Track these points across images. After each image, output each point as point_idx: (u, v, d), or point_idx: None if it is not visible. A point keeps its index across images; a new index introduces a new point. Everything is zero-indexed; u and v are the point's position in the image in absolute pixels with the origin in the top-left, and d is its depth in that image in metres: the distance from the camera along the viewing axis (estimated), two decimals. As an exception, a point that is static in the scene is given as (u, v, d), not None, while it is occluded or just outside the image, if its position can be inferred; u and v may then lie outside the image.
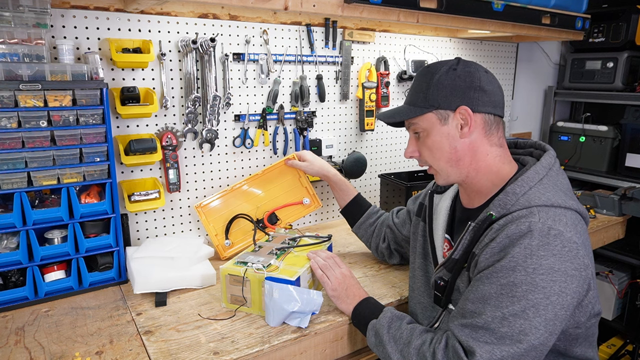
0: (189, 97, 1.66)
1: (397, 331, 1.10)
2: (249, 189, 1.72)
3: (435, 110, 1.09)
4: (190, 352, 1.11)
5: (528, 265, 0.92)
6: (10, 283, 1.35)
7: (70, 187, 1.36)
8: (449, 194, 1.27)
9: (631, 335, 2.54)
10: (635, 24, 2.58)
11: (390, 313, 1.16)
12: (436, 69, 1.10)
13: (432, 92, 1.09)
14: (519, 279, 0.92)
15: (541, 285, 0.91)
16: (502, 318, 0.92)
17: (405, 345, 1.06)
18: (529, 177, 1.04)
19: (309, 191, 1.76)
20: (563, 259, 0.92)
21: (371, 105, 2.12)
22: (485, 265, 0.99)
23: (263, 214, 1.70)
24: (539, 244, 0.93)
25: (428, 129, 1.11)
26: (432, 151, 1.13)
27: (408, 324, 1.12)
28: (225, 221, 1.68)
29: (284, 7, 1.37)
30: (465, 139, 1.09)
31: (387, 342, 1.10)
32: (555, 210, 0.98)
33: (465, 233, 1.08)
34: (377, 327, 1.14)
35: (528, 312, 0.91)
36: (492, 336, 0.92)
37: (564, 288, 0.92)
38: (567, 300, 0.92)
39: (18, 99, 1.25)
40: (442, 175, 1.15)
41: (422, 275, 1.29)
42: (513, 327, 0.91)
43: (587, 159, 2.83)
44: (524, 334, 0.90)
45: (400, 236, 1.53)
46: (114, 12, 1.52)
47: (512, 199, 1.02)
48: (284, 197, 1.75)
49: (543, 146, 1.16)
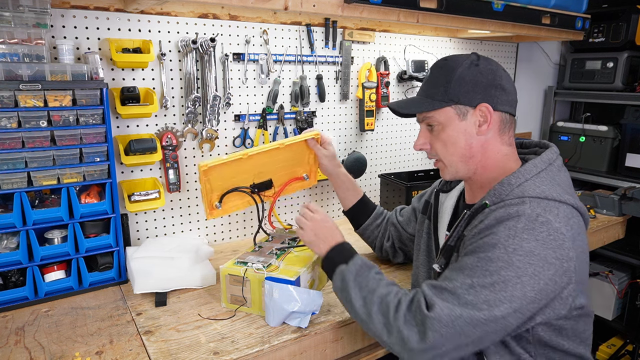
0: (189, 97, 1.66)
1: (364, 279, 1.11)
2: (261, 159, 1.49)
3: (454, 105, 1.09)
4: (190, 352, 1.11)
5: (509, 244, 0.94)
6: (10, 283, 1.35)
7: (70, 187, 1.36)
8: (454, 193, 1.28)
9: (631, 335, 2.54)
10: (635, 24, 2.58)
11: (360, 261, 1.17)
12: (457, 63, 1.09)
13: (454, 87, 1.08)
14: (497, 255, 0.94)
15: (516, 265, 0.93)
16: (470, 286, 0.94)
17: (370, 292, 1.07)
18: (526, 169, 1.06)
19: (312, 168, 1.64)
20: (545, 246, 0.94)
21: (371, 105, 2.12)
22: (470, 243, 1.02)
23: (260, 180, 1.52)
24: (524, 227, 0.95)
25: (444, 123, 1.10)
26: (445, 146, 1.12)
27: (376, 274, 1.13)
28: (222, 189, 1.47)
29: (284, 7, 1.37)
30: (482, 137, 1.10)
31: (352, 288, 1.11)
32: (548, 202, 0.99)
33: (461, 221, 1.11)
34: (345, 272, 1.15)
35: (496, 286, 0.93)
36: (456, 300, 0.94)
37: (539, 272, 0.93)
38: (539, 285, 0.93)
39: (18, 99, 1.25)
40: (451, 170, 1.15)
41: (425, 272, 1.30)
42: (478, 296, 0.93)
43: (587, 159, 2.83)
44: (487, 304, 0.92)
45: (405, 234, 1.53)
46: (114, 12, 1.52)
47: (506, 189, 1.04)
48: (288, 169, 1.59)
49: (547, 144, 1.17)
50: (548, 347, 1.03)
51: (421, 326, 0.94)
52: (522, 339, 1.02)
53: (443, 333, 0.92)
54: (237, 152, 1.42)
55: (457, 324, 0.92)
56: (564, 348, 1.04)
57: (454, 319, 0.92)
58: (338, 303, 1.34)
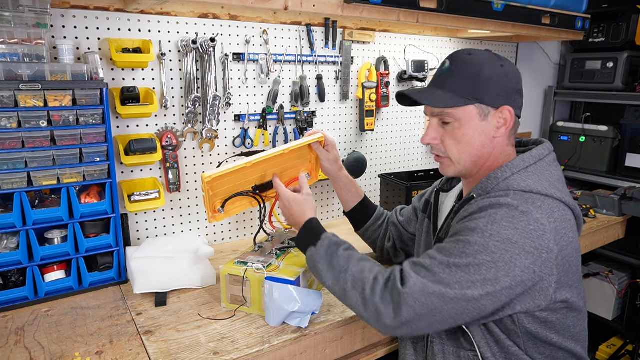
0: (189, 97, 1.66)
1: (332, 257, 1.13)
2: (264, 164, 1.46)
3: (478, 104, 1.07)
4: (190, 352, 1.11)
5: (487, 230, 0.96)
6: (10, 283, 1.35)
7: (70, 187, 1.36)
8: (454, 192, 1.29)
9: (631, 335, 2.54)
10: (635, 24, 2.58)
11: (328, 240, 1.18)
12: (483, 61, 1.07)
13: (481, 85, 1.06)
14: (474, 239, 0.96)
15: (492, 250, 0.94)
16: (446, 265, 0.96)
17: (341, 271, 1.09)
18: (513, 164, 1.07)
19: (314, 167, 1.62)
20: (524, 235, 0.95)
21: (371, 105, 2.12)
22: (453, 228, 1.05)
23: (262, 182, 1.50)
24: (504, 215, 0.97)
25: (463, 120, 1.08)
26: (459, 144, 1.10)
27: (345, 250, 1.14)
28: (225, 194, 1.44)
29: (284, 7, 1.37)
30: (497, 139, 1.10)
31: (323, 270, 1.13)
32: (532, 195, 1.00)
33: (450, 213, 1.13)
34: (314, 254, 1.17)
35: (470, 268, 0.94)
36: (431, 276, 0.96)
37: (515, 259, 0.94)
38: (514, 272, 0.93)
39: (18, 99, 1.25)
40: (457, 167, 1.14)
41: None
42: (452, 276, 0.95)
43: (587, 159, 2.83)
44: (459, 284, 0.94)
45: (406, 234, 1.53)
46: (114, 12, 1.52)
47: (493, 183, 1.06)
48: (290, 169, 1.56)
49: (542, 141, 1.17)
50: (537, 339, 1.04)
51: (397, 302, 0.97)
52: (510, 331, 1.03)
53: (416, 308, 0.94)
54: (240, 161, 1.39)
55: (430, 300, 0.94)
56: (552, 341, 1.04)
57: (426, 294, 0.94)
58: (338, 303, 1.34)
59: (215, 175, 1.32)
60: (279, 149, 1.45)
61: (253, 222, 1.94)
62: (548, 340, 1.04)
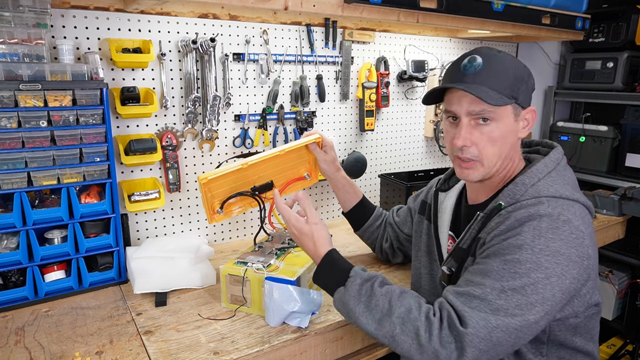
0: (189, 97, 1.66)
1: (369, 298, 1.02)
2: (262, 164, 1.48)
3: (515, 103, 1.05)
4: (190, 352, 1.11)
5: (535, 245, 0.93)
6: (10, 283, 1.35)
7: (70, 187, 1.36)
8: (453, 192, 1.27)
9: (631, 335, 2.54)
10: (635, 24, 2.58)
11: (359, 278, 1.06)
12: (512, 59, 1.07)
13: (517, 84, 1.05)
14: (525, 257, 0.93)
15: (544, 266, 0.92)
16: (501, 291, 0.92)
17: (385, 315, 0.98)
18: (538, 169, 1.06)
19: (313, 167, 1.62)
20: (569, 245, 0.94)
21: (371, 105, 2.12)
22: (491, 245, 0.99)
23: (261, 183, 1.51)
24: (548, 226, 0.94)
25: (500, 120, 1.04)
26: (494, 143, 1.05)
27: (381, 287, 1.03)
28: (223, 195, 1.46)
29: (284, 7, 1.37)
30: (518, 140, 1.11)
31: (361, 314, 1.02)
32: (563, 201, 0.99)
33: (474, 223, 1.08)
34: (345, 297, 1.06)
35: (527, 289, 0.91)
36: (487, 306, 0.91)
37: (565, 272, 0.93)
38: (565, 284, 0.93)
39: (18, 99, 1.25)
40: (486, 169, 1.07)
41: (427, 273, 1.29)
42: (510, 301, 0.90)
43: (587, 159, 2.82)
44: (519, 308, 0.90)
45: (402, 235, 1.53)
46: (114, 12, 1.52)
47: (521, 189, 1.04)
48: (289, 170, 1.58)
49: (550, 144, 1.17)
50: (560, 345, 1.04)
51: (459, 343, 0.90)
52: (536, 340, 1.01)
53: (481, 347, 0.89)
54: (237, 162, 1.40)
55: (494, 335, 0.89)
56: (575, 345, 1.04)
57: (490, 330, 0.89)
58: (338, 303, 1.34)
59: (212, 176, 1.33)
60: (275, 150, 1.46)
61: (253, 222, 1.94)
62: (572, 344, 1.04)
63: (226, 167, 1.37)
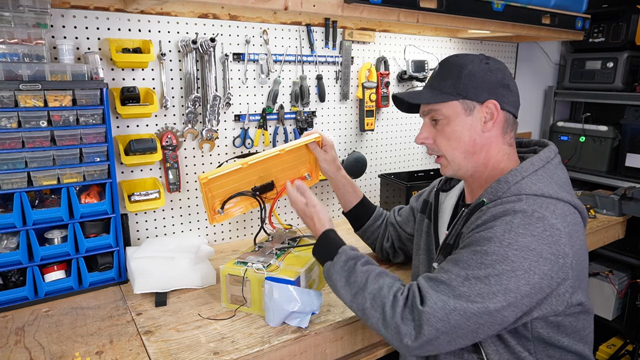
0: (189, 97, 1.66)
1: (350, 273, 1.10)
2: (262, 164, 1.48)
3: (462, 99, 1.09)
4: (190, 352, 1.11)
5: (504, 238, 0.95)
6: (10, 283, 1.35)
7: (70, 187, 1.36)
8: (454, 192, 1.28)
9: (631, 335, 2.54)
10: (635, 24, 2.58)
11: (345, 255, 1.15)
12: (467, 60, 1.10)
13: (463, 81, 1.08)
14: (492, 249, 0.95)
15: (511, 259, 0.93)
16: (465, 278, 0.95)
17: (360, 289, 1.06)
18: (523, 167, 1.07)
19: (314, 167, 1.63)
20: (541, 241, 0.94)
21: (371, 105, 2.12)
22: (467, 237, 1.03)
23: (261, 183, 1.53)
24: (520, 222, 0.96)
25: (450, 117, 1.10)
26: (449, 140, 1.12)
27: (363, 265, 1.11)
28: (224, 195, 1.47)
29: (284, 7, 1.37)
30: (486, 134, 1.10)
31: (341, 287, 1.11)
32: (544, 199, 0.99)
33: (459, 219, 1.12)
34: (331, 270, 1.15)
35: (490, 279, 0.93)
36: (450, 291, 0.95)
37: (534, 267, 0.93)
38: (534, 279, 0.93)
39: (18, 99, 1.25)
40: (453, 166, 1.14)
41: (425, 271, 1.29)
42: (472, 288, 0.93)
43: (587, 159, 2.83)
44: (480, 296, 0.93)
45: (404, 234, 1.53)
46: (114, 12, 1.52)
47: (503, 187, 1.05)
48: (289, 170, 1.59)
49: (545, 143, 1.17)
50: (547, 343, 1.03)
51: (417, 321, 0.95)
52: (521, 336, 1.02)
53: (438, 327, 0.93)
54: (237, 161, 1.41)
55: (452, 317, 0.93)
56: (562, 345, 1.04)
57: (448, 312, 0.93)
58: (338, 303, 1.34)
59: (212, 176, 1.35)
60: (275, 149, 1.46)
61: (253, 222, 1.94)
62: (559, 343, 1.04)
63: (226, 167, 1.38)
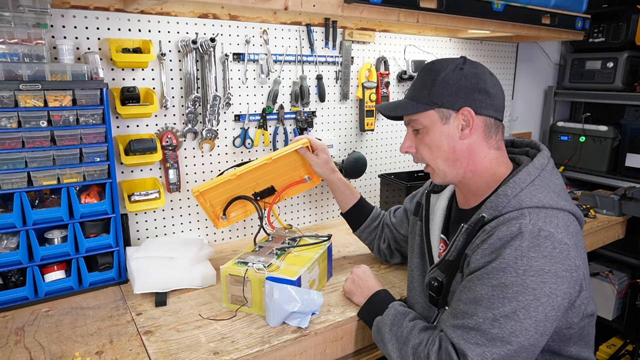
0: (189, 97, 1.66)
1: (398, 329, 1.11)
2: (255, 173, 1.55)
3: (437, 108, 1.08)
4: (190, 352, 1.11)
5: (519, 266, 0.93)
6: (10, 283, 1.35)
7: (70, 187, 1.36)
8: (445, 194, 1.28)
9: (631, 335, 2.54)
10: (635, 24, 2.58)
11: (394, 310, 1.17)
12: (442, 67, 1.09)
13: (437, 90, 1.08)
14: (510, 280, 0.93)
15: (531, 287, 0.92)
16: (494, 319, 0.92)
17: (404, 343, 1.07)
18: (520, 178, 1.04)
19: (312, 169, 1.63)
20: (553, 261, 0.93)
21: (371, 105, 2.12)
22: (476, 267, 0.99)
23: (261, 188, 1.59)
24: (529, 245, 0.93)
25: (428, 126, 1.11)
26: (430, 149, 1.12)
27: (410, 321, 1.12)
28: (224, 203, 1.55)
29: (284, 7, 1.37)
30: (465, 140, 1.09)
31: (388, 340, 1.11)
32: (546, 211, 0.98)
33: (459, 235, 1.09)
34: (380, 324, 1.16)
35: (519, 314, 0.91)
36: (483, 337, 0.92)
37: (554, 289, 0.92)
38: (557, 302, 0.93)
39: (18, 99, 1.25)
40: (439, 174, 1.15)
41: (419, 274, 1.29)
42: (504, 328, 0.91)
43: (587, 159, 2.83)
44: (514, 335, 0.91)
45: (399, 235, 1.53)
46: (114, 12, 1.52)
47: (503, 201, 1.02)
48: (288, 174, 1.63)
49: (538, 146, 1.16)
50: (554, 353, 1.03)
51: None
52: None
53: None
54: (226, 173, 1.47)
55: None
56: (569, 354, 1.04)
57: None
58: (338, 303, 1.34)
59: (202, 188, 1.43)
60: (263, 158, 1.52)
61: (253, 222, 1.93)
62: (565, 353, 1.04)
63: (216, 179, 1.46)
